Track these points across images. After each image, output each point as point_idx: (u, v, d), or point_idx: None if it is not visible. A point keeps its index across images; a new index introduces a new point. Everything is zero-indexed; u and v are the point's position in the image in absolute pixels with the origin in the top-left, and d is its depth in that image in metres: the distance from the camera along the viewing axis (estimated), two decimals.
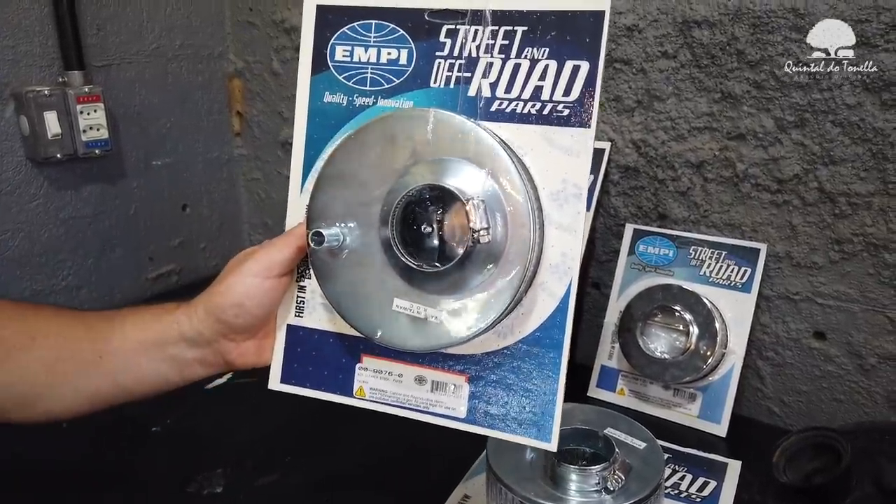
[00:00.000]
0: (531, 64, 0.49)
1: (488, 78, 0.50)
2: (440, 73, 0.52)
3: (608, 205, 0.92)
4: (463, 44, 0.51)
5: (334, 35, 0.54)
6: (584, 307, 0.98)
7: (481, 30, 0.50)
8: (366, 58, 0.53)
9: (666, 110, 0.85)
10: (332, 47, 0.54)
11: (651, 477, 0.58)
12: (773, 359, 0.84)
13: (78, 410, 0.59)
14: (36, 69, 1.03)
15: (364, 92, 0.54)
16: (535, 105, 0.50)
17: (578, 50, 0.48)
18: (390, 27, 0.52)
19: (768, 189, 0.80)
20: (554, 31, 0.49)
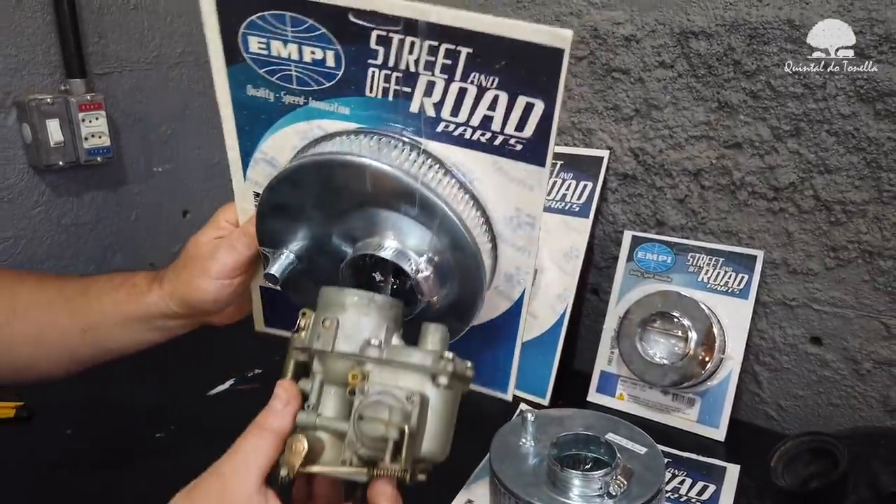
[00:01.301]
0: (479, 91, 0.44)
1: (431, 97, 0.45)
2: (376, 82, 0.46)
3: (607, 212, 0.93)
4: (398, 55, 0.44)
5: (242, 23, 0.47)
6: (582, 313, 0.99)
7: (418, 43, 0.43)
8: (286, 53, 0.47)
9: (664, 119, 0.86)
10: (243, 36, 0.48)
11: (652, 481, 0.59)
12: (771, 364, 0.85)
13: (67, 371, 0.65)
14: (38, 77, 1.03)
15: (292, 90, 0.49)
16: (485, 134, 0.46)
17: (532, 87, 0.43)
18: (309, 23, 0.45)
19: (765, 197, 0.82)
20: (504, 59, 0.42)
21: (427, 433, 0.42)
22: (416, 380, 0.42)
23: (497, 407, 0.90)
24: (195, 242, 0.59)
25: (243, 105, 0.51)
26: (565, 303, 0.90)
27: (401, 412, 0.40)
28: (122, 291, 0.61)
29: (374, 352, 0.43)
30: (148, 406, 0.87)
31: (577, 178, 0.92)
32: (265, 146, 0.53)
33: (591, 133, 0.92)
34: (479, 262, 0.48)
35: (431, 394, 0.43)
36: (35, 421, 0.84)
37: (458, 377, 0.44)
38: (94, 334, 0.62)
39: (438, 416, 0.43)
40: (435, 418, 0.43)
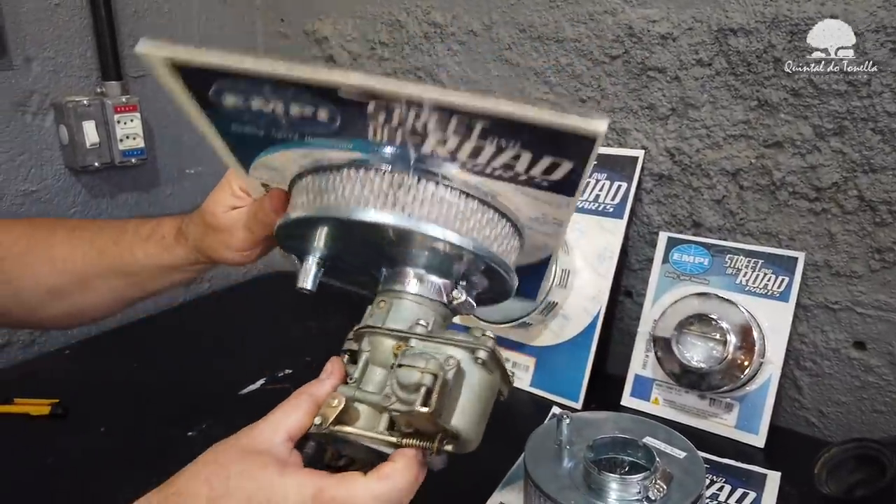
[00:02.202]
0: (497, 149, 0.40)
1: (444, 147, 0.41)
2: (379, 134, 0.42)
3: (641, 213, 0.92)
4: (402, 119, 0.39)
5: (212, 85, 0.41)
6: (616, 315, 0.97)
7: (424, 113, 0.38)
8: (269, 109, 0.41)
9: (701, 118, 0.84)
10: (216, 93, 0.41)
11: (692, 487, 0.57)
12: (812, 369, 0.83)
13: (115, 311, 0.72)
14: (75, 80, 1.05)
15: (284, 129, 0.44)
16: (507, 173, 0.42)
17: (559, 153, 0.39)
18: (292, 91, 0.40)
19: (806, 197, 0.80)
20: (527, 136, 0.38)
21: (460, 406, 0.42)
22: (458, 352, 0.43)
23: (529, 409, 0.89)
24: (212, 213, 0.61)
25: (232, 136, 0.47)
26: (599, 304, 0.89)
27: (437, 364, 0.41)
28: (151, 244, 0.66)
29: (419, 329, 0.44)
30: (180, 405, 0.88)
31: (611, 178, 0.91)
32: (264, 159, 0.49)
33: (626, 133, 0.91)
34: (506, 274, 0.48)
35: (469, 368, 0.43)
36: (70, 418, 0.85)
37: (497, 364, 0.44)
38: (135, 279, 0.67)
39: (473, 392, 0.43)
40: (469, 394, 0.43)
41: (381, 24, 1.11)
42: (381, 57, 1.13)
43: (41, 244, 0.68)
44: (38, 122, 1.02)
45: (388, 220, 0.43)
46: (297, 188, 0.49)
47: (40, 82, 1.01)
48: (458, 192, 0.44)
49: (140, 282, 0.68)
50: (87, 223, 0.75)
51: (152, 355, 1.04)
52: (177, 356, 1.03)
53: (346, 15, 1.15)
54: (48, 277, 0.66)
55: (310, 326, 1.12)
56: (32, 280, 0.67)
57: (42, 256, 0.67)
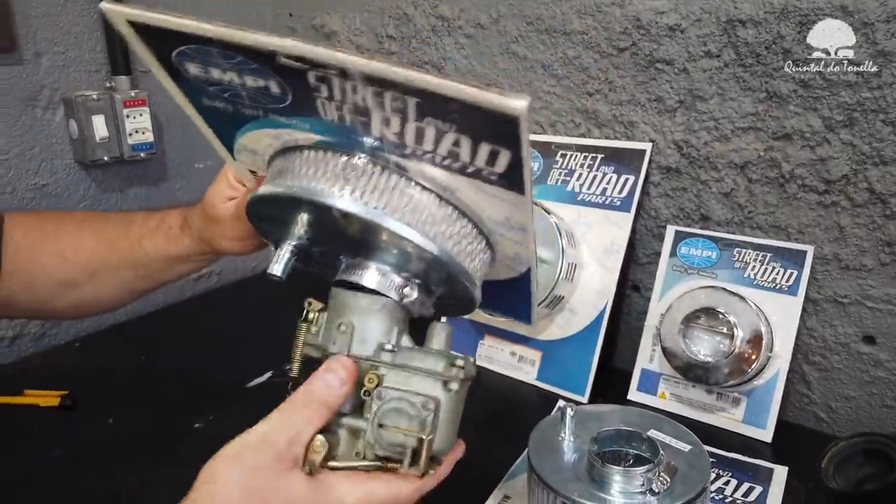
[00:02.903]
0: (437, 132, 0.40)
1: (390, 128, 0.42)
2: (328, 111, 0.43)
3: (649, 206, 0.91)
4: (343, 93, 0.40)
5: (173, 51, 0.44)
6: (622, 309, 0.97)
7: (359, 86, 0.39)
8: (227, 79, 0.44)
9: (709, 110, 0.84)
10: (179, 61, 0.44)
11: (697, 480, 0.57)
12: (821, 363, 0.82)
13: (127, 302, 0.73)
14: (85, 74, 1.06)
15: (247, 105, 0.46)
16: (456, 163, 0.42)
17: (494, 139, 0.39)
18: (239, 58, 0.42)
19: (815, 190, 0.79)
20: (456, 114, 0.38)
21: (438, 433, 0.44)
22: (429, 384, 0.44)
23: (535, 402, 0.89)
24: (211, 204, 0.63)
25: (206, 110, 0.50)
26: (605, 298, 0.88)
27: (418, 421, 0.42)
28: (159, 235, 0.67)
29: (387, 356, 0.45)
30: (188, 397, 0.88)
31: (618, 171, 0.90)
32: (242, 140, 0.52)
33: (633, 125, 0.90)
34: (464, 280, 0.47)
35: (443, 398, 0.44)
36: (78, 410, 0.86)
37: (469, 379, 0.46)
38: (144, 270, 0.69)
39: (448, 416, 0.45)
40: (445, 419, 0.44)
41: (388, 18, 1.11)
42: (388, 50, 1.13)
43: (50, 237, 0.68)
44: (49, 116, 1.03)
45: (339, 205, 0.43)
46: (269, 171, 0.50)
47: (50, 77, 1.02)
48: (415, 184, 0.44)
49: (149, 273, 0.70)
50: (94, 215, 0.76)
51: (160, 348, 1.04)
52: (185, 349, 1.04)
53: (354, 9, 1.15)
54: (58, 269, 0.67)
55: None
56: (43, 272, 0.67)
57: (52, 249, 0.67)
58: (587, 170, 0.93)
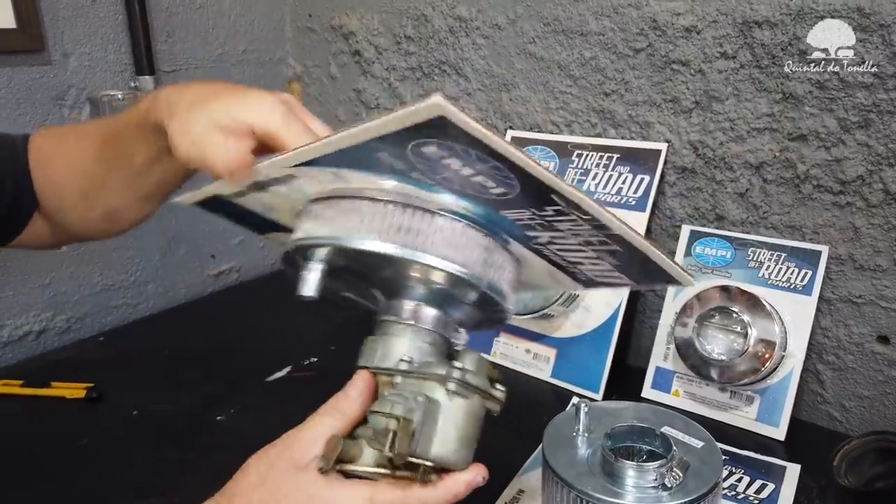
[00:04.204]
0: (596, 258, 0.50)
1: (556, 243, 0.50)
2: (523, 219, 0.46)
3: (664, 206, 0.92)
4: (557, 223, 0.45)
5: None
6: (637, 308, 0.98)
7: (586, 229, 0.45)
8: (455, 168, 0.42)
9: (725, 111, 0.84)
10: (423, 143, 0.40)
11: (709, 475, 0.58)
12: (834, 363, 0.82)
13: (135, 208, 0.68)
14: (110, 74, 1.08)
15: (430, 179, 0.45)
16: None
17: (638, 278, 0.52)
18: (504, 171, 0.41)
19: (830, 190, 0.79)
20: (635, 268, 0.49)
21: (438, 436, 0.44)
22: (430, 386, 0.45)
23: (550, 399, 0.90)
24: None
25: (357, 155, 0.43)
26: (620, 297, 0.89)
27: (403, 407, 0.43)
28: (133, 117, 0.61)
29: (404, 366, 0.46)
30: (210, 391, 0.90)
31: (633, 171, 0.91)
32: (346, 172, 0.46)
33: (649, 126, 0.91)
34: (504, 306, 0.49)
35: (443, 399, 0.44)
36: (104, 402, 0.88)
37: (473, 389, 0.45)
38: (132, 169, 0.64)
39: (450, 421, 0.44)
40: (446, 423, 0.44)
41: (406, 19, 1.13)
42: (406, 51, 1.14)
43: (59, 150, 0.69)
44: (75, 115, 1.05)
45: (388, 251, 0.44)
46: (308, 209, 0.49)
47: (77, 77, 1.04)
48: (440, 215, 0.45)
49: (137, 169, 0.64)
50: (93, 124, 0.72)
51: (183, 342, 1.06)
52: (206, 343, 1.06)
53: (373, 10, 1.17)
54: (74, 180, 0.67)
55: (335, 317, 1.14)
56: (66, 184, 0.68)
57: (63, 161, 0.68)
58: (603, 169, 0.94)
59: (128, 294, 1.16)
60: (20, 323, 1.04)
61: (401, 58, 1.15)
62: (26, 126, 1.00)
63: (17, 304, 1.03)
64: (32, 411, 0.87)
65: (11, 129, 0.98)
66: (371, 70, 1.20)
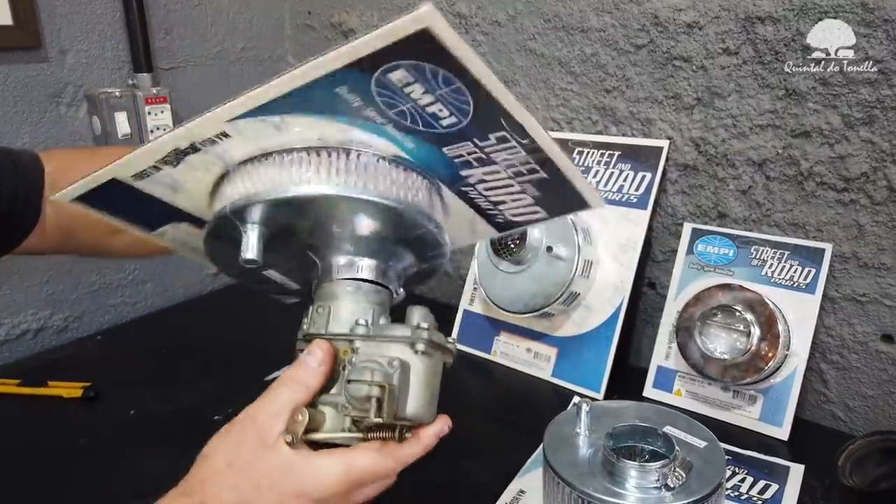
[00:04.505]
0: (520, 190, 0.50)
1: (487, 180, 0.50)
2: (465, 155, 0.47)
3: (666, 203, 0.91)
4: (498, 156, 0.47)
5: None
6: (638, 307, 0.97)
7: (520, 152, 0.45)
8: (416, 96, 0.42)
9: (727, 108, 0.83)
10: (392, 67, 0.39)
11: (712, 476, 0.57)
12: (838, 362, 0.82)
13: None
14: (107, 71, 1.07)
15: (386, 116, 0.44)
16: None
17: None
18: (460, 90, 0.41)
19: (834, 188, 0.78)
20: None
21: (410, 396, 0.45)
22: (398, 349, 0.45)
23: (550, 399, 0.90)
24: None
25: (311, 94, 0.41)
26: (622, 295, 0.88)
27: (382, 374, 0.43)
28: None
29: (361, 330, 0.46)
30: (207, 391, 0.89)
31: (634, 168, 0.90)
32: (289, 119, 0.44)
33: (651, 123, 0.90)
34: (427, 224, 0.48)
35: (412, 360, 0.45)
36: (101, 401, 0.87)
37: (436, 346, 0.47)
38: None
39: (419, 379, 0.45)
40: (416, 382, 0.45)
41: None
42: None
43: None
44: (72, 113, 1.04)
45: (317, 191, 0.44)
46: (238, 172, 0.47)
47: (74, 74, 1.03)
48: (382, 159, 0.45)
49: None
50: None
51: (181, 341, 1.06)
52: (205, 342, 1.05)
53: (373, 7, 1.16)
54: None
55: None
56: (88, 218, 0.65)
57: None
58: (604, 167, 0.93)
59: (126, 293, 1.15)
60: (18, 321, 1.03)
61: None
62: (23, 124, 0.99)
63: (14, 302, 1.03)
64: (29, 411, 0.86)
65: (8, 126, 0.98)
66: None
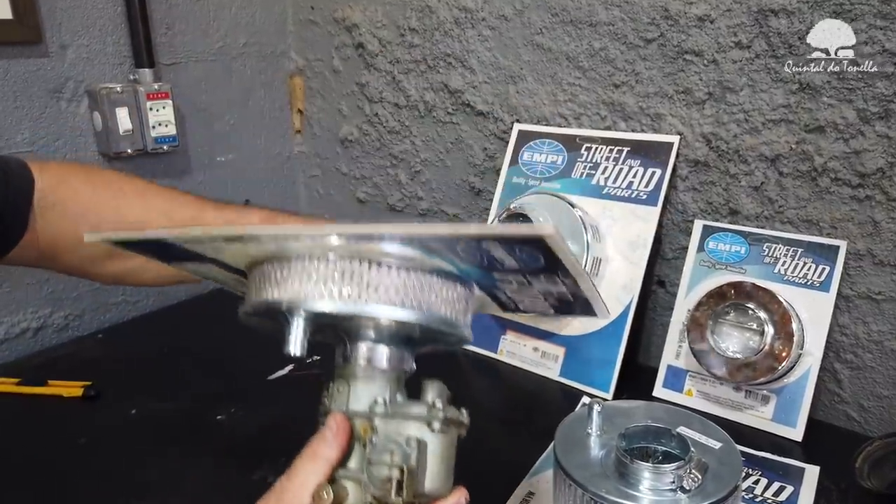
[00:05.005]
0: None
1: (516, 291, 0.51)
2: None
3: (676, 200, 0.90)
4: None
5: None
6: (647, 306, 0.95)
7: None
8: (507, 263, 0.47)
9: (739, 102, 0.82)
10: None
11: (729, 478, 0.56)
12: (853, 361, 0.80)
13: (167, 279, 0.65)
14: (109, 67, 1.06)
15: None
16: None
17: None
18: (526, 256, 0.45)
19: (849, 183, 0.77)
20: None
21: (429, 473, 0.47)
22: (415, 427, 0.48)
23: (558, 399, 0.88)
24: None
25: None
26: (631, 294, 0.87)
27: (402, 454, 0.46)
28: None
29: (380, 408, 0.49)
30: (210, 390, 0.88)
31: (644, 165, 0.89)
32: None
33: (660, 118, 0.89)
34: (449, 329, 0.50)
35: (428, 438, 0.47)
36: (102, 400, 0.86)
37: (452, 422, 0.49)
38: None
39: (436, 456, 0.47)
40: (433, 459, 0.47)
41: (410, 10, 1.10)
42: (410, 43, 1.12)
43: (108, 204, 0.63)
44: (73, 108, 1.03)
45: (334, 309, 0.45)
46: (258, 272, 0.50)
47: (75, 69, 1.02)
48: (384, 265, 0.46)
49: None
50: (156, 190, 0.67)
51: (183, 340, 1.04)
52: (207, 341, 1.04)
53: (376, 2, 1.14)
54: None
55: None
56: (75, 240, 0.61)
57: (109, 216, 0.63)
58: (613, 163, 0.91)
59: (127, 291, 1.14)
60: (17, 320, 1.02)
61: (405, 50, 1.13)
62: (23, 119, 0.98)
63: (14, 300, 1.01)
64: (29, 410, 0.85)
65: (7, 122, 0.96)
66: (375, 63, 1.18)
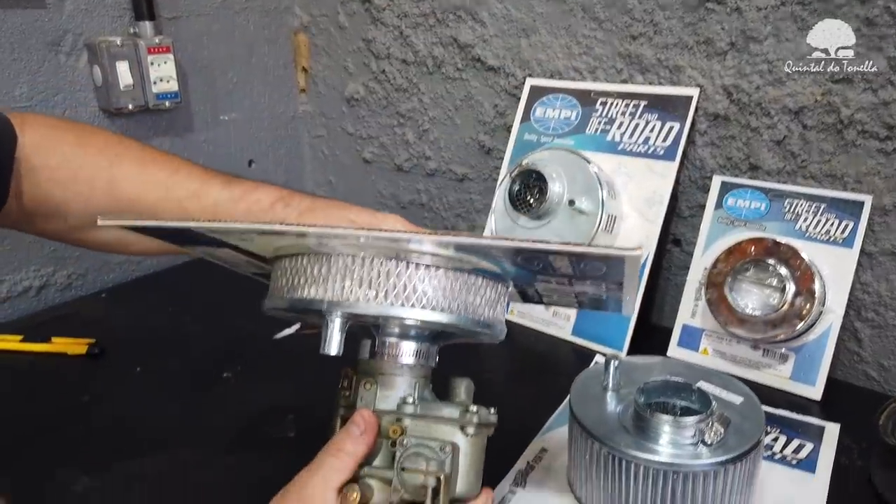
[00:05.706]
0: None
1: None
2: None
3: (694, 156, 0.87)
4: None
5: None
6: (662, 265, 0.93)
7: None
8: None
9: (763, 52, 0.79)
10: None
11: (751, 432, 0.54)
12: (874, 320, 0.78)
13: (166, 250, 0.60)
14: (108, 19, 1.03)
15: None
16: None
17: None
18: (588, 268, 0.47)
19: (876, 136, 0.74)
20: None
21: (460, 475, 0.47)
22: (447, 430, 0.47)
23: (570, 358, 0.87)
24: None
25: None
26: (646, 251, 0.85)
27: (437, 462, 0.46)
28: (242, 206, 0.59)
29: (409, 408, 0.48)
30: (216, 348, 0.87)
31: (662, 119, 0.86)
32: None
33: (679, 70, 0.86)
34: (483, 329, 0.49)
35: (461, 442, 0.47)
36: (106, 358, 0.85)
37: (483, 425, 0.48)
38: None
39: (468, 459, 0.48)
40: (465, 462, 0.48)
41: None
42: None
43: (101, 174, 0.60)
44: (72, 62, 1.00)
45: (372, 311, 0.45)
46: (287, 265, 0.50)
47: (73, 21, 0.99)
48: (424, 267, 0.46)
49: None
50: (156, 157, 0.63)
51: (189, 299, 1.03)
52: (213, 300, 1.02)
53: None
54: (105, 207, 0.59)
55: None
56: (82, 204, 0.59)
57: (101, 187, 0.59)
58: (629, 118, 0.88)
59: None
60: (20, 278, 1.00)
61: (413, 4, 1.09)
62: (21, 73, 0.95)
63: (16, 258, 1.00)
64: (33, 367, 0.84)
65: (5, 76, 0.94)
66: (381, 18, 1.14)
